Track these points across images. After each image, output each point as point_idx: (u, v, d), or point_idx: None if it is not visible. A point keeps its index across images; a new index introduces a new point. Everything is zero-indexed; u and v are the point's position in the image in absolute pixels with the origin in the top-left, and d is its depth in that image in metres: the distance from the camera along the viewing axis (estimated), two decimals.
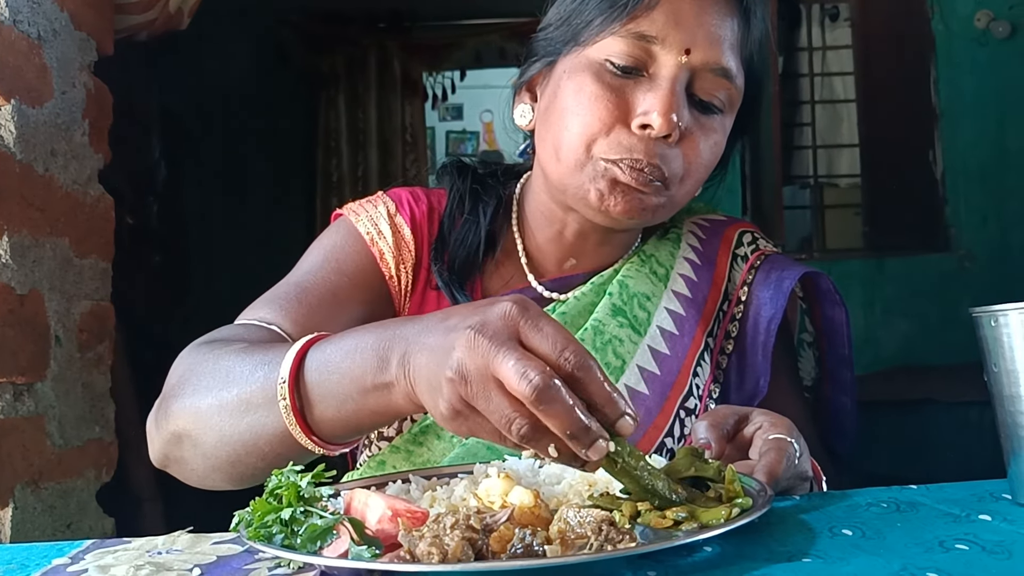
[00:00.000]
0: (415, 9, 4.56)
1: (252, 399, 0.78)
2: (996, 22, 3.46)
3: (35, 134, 1.48)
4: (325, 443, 0.78)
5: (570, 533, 0.63)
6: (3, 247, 1.37)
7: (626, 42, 0.96)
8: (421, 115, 4.79)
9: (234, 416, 0.79)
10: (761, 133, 3.64)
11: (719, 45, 0.97)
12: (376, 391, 0.72)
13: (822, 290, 1.16)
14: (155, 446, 0.87)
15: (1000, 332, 0.74)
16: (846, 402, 1.17)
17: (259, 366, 0.79)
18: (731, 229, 1.17)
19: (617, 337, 1.03)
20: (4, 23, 1.39)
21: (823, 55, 4.57)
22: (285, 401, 0.75)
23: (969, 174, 3.50)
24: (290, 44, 4.49)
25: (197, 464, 0.84)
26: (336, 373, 0.74)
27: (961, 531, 0.69)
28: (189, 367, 0.86)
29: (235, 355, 0.83)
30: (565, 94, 1.00)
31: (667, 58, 0.96)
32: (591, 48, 0.99)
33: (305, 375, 0.76)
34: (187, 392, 0.84)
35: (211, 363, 0.84)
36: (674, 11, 0.96)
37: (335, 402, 0.75)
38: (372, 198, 1.12)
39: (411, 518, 0.67)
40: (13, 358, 1.39)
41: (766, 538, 0.69)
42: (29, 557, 0.75)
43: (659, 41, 0.95)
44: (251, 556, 0.71)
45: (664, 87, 0.95)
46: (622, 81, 0.97)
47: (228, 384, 0.80)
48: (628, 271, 1.09)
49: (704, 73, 0.97)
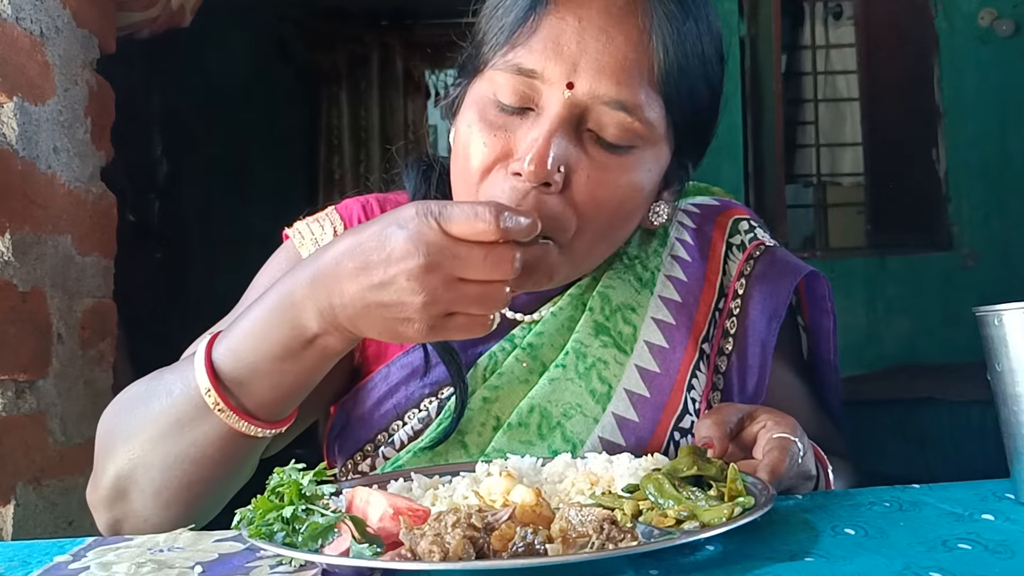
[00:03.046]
0: (417, 7, 4.55)
1: (183, 417, 0.79)
2: (1000, 20, 3.46)
3: (37, 131, 1.48)
4: (271, 423, 0.80)
5: (572, 532, 0.62)
6: (5, 244, 1.37)
7: (508, 76, 0.85)
8: (423, 113, 4.80)
9: (170, 440, 0.80)
10: (764, 131, 3.64)
11: (610, 74, 0.83)
12: (303, 352, 0.76)
13: (816, 295, 1.09)
14: (100, 515, 0.86)
15: (1004, 331, 0.74)
16: (832, 401, 1.12)
17: (174, 384, 0.80)
18: (724, 216, 1.09)
19: (601, 360, 0.96)
20: (7, 20, 1.39)
21: (826, 53, 4.56)
22: (220, 405, 0.77)
23: (972, 172, 3.50)
24: (292, 41, 4.49)
25: (148, 510, 0.83)
26: (254, 355, 0.77)
27: (964, 530, 0.69)
28: (108, 422, 0.86)
29: (144, 393, 0.83)
30: (457, 129, 0.92)
31: (549, 93, 0.84)
32: (482, 78, 0.89)
33: (222, 370, 0.78)
34: (115, 443, 0.83)
35: (128, 406, 0.85)
36: (553, 38, 0.83)
37: (268, 382, 0.77)
38: (320, 215, 1.06)
39: (412, 516, 0.67)
40: (15, 355, 1.39)
41: (768, 537, 0.69)
42: (31, 554, 0.75)
43: (539, 75, 0.84)
44: (253, 554, 0.71)
45: (542, 127, 0.83)
46: (507, 119, 0.87)
47: (150, 418, 0.81)
48: (609, 279, 1.00)
49: (597, 107, 0.84)
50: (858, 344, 3.48)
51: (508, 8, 0.88)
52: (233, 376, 0.78)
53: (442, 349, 0.97)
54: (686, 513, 0.68)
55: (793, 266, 1.06)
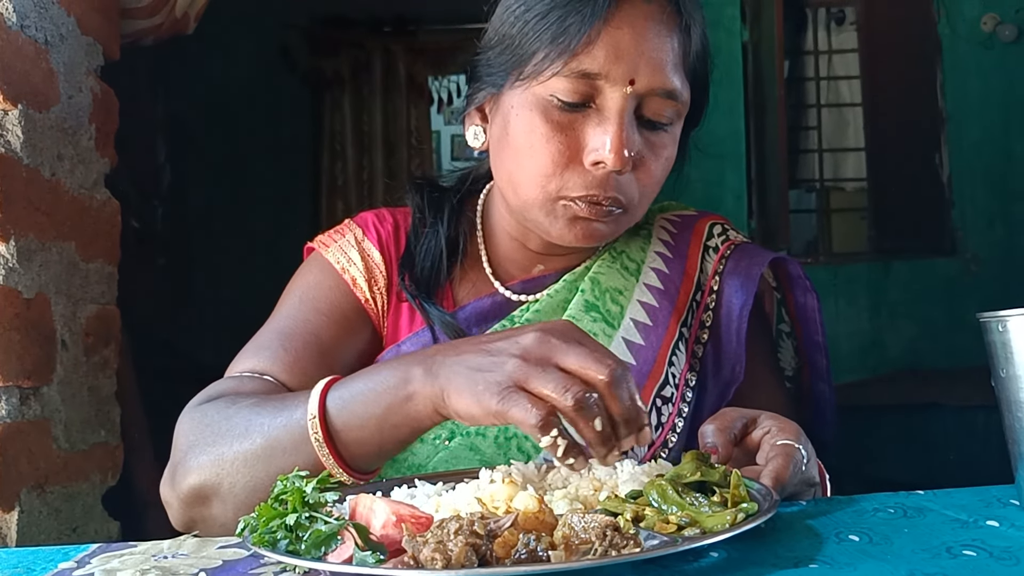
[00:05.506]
0: (420, 13, 4.57)
1: (279, 443, 0.83)
2: (1002, 26, 3.46)
3: (41, 138, 1.48)
4: (355, 472, 0.84)
5: (574, 538, 0.62)
6: (9, 251, 1.38)
7: (570, 80, 0.97)
8: (427, 119, 4.80)
9: (262, 463, 0.84)
10: (767, 137, 3.64)
11: (662, 69, 0.98)
12: (397, 404, 0.80)
13: (793, 277, 1.17)
14: (175, 510, 0.90)
15: (1008, 337, 0.74)
16: (824, 389, 1.18)
17: (279, 412, 0.85)
18: (701, 222, 1.19)
19: (591, 332, 1.05)
20: (11, 28, 1.40)
21: (829, 59, 4.57)
22: (317, 434, 0.81)
23: (975, 177, 3.50)
24: (295, 48, 4.50)
25: (228, 517, 0.86)
26: (359, 398, 0.82)
27: (968, 537, 0.69)
28: (199, 426, 0.90)
29: (248, 408, 0.88)
30: (516, 131, 1.01)
31: (612, 91, 0.97)
32: (536, 85, 0.99)
33: (330, 408, 0.82)
34: (205, 449, 0.87)
35: (223, 419, 0.88)
36: (614, 45, 0.96)
37: (358, 423, 0.81)
38: (340, 227, 1.16)
39: (415, 523, 0.67)
40: (19, 362, 1.39)
41: (772, 543, 0.69)
42: (35, 561, 0.75)
43: (603, 77, 0.96)
44: (256, 561, 0.71)
45: (613, 121, 0.96)
46: (570, 116, 0.99)
47: (249, 433, 0.85)
48: (600, 268, 1.12)
49: (651, 97, 0.98)
50: (862, 349, 3.48)
51: (559, 24, 0.97)
52: (333, 409, 0.82)
53: (448, 327, 1.07)
54: (686, 520, 0.68)
55: (761, 254, 1.15)
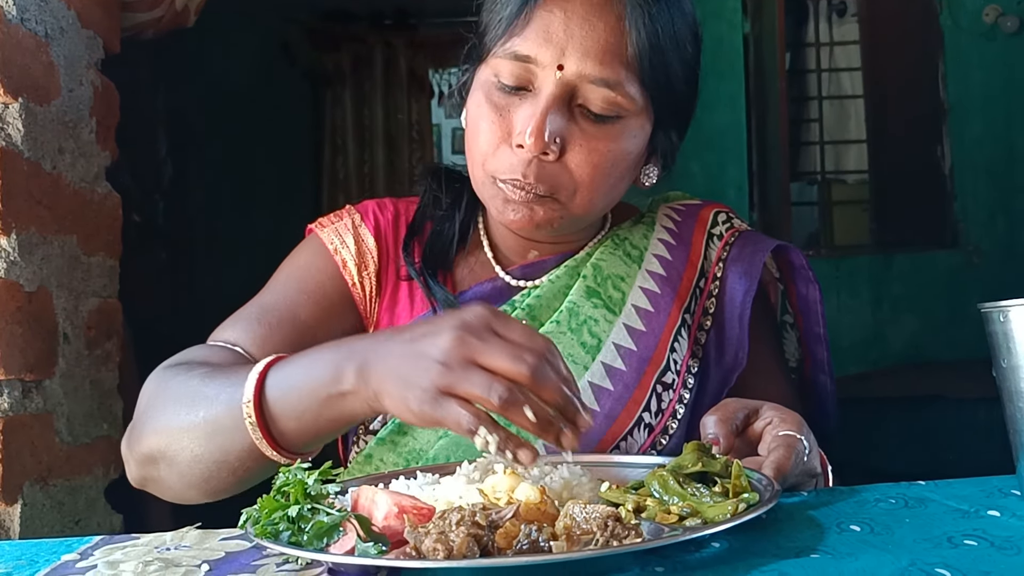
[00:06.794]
0: (421, 6, 4.55)
1: (219, 421, 0.85)
2: (1004, 17, 3.45)
3: (42, 132, 1.48)
4: (290, 453, 0.84)
5: (576, 529, 0.63)
6: (11, 244, 1.38)
7: (508, 62, 0.98)
8: (427, 112, 4.79)
9: (204, 437, 0.86)
10: (768, 129, 3.63)
11: (593, 56, 0.96)
12: (332, 400, 0.80)
13: (795, 267, 1.17)
14: (131, 467, 0.94)
15: (1009, 327, 0.74)
16: (825, 381, 1.17)
17: (223, 388, 0.86)
18: (706, 210, 1.19)
19: (592, 317, 1.06)
20: (11, 21, 1.40)
21: (830, 51, 4.56)
22: (251, 419, 0.82)
23: (977, 169, 3.49)
24: (296, 42, 4.49)
25: (173, 482, 0.91)
26: (295, 390, 0.82)
27: (970, 527, 0.69)
28: (156, 390, 0.93)
29: (199, 379, 0.90)
30: (468, 112, 1.05)
31: (543, 75, 0.97)
32: (486, 65, 1.02)
33: (267, 394, 0.83)
34: (157, 415, 0.91)
35: (177, 386, 0.91)
36: (544, 27, 0.97)
37: (295, 414, 0.82)
38: (340, 211, 1.17)
39: (417, 514, 0.67)
40: (21, 355, 1.39)
41: (774, 534, 0.69)
42: (38, 553, 0.76)
43: (534, 60, 0.97)
44: (259, 552, 0.71)
45: (539, 105, 0.97)
46: (508, 99, 1.00)
47: (195, 407, 0.87)
48: (602, 254, 1.11)
49: (586, 85, 0.97)
50: (864, 342, 3.47)
51: (505, 3, 1.00)
52: (271, 396, 0.83)
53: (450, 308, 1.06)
54: (688, 510, 0.68)
55: (765, 242, 1.15)
